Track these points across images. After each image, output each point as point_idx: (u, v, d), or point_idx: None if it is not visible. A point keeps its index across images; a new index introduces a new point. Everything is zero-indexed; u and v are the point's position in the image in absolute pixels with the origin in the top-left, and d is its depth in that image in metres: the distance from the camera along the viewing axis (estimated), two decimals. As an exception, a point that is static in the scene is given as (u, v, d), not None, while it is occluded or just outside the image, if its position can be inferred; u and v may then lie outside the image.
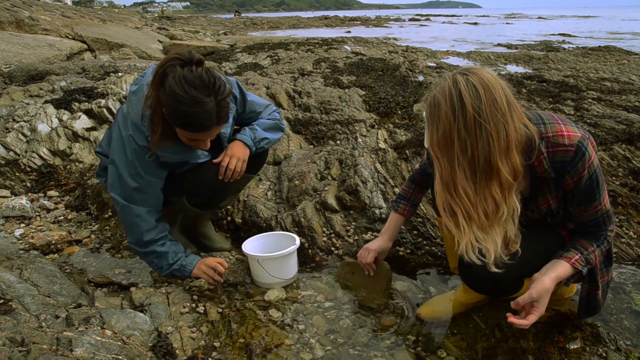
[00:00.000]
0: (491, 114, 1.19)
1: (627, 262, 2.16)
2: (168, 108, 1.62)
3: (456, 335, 1.73)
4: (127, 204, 1.84)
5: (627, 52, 8.99)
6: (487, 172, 1.22)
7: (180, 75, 1.57)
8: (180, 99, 1.56)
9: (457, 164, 1.23)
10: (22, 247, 2.38)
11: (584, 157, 1.32)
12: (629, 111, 3.79)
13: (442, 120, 1.22)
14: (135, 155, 1.77)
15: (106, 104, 3.85)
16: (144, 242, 1.89)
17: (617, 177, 2.70)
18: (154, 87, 1.63)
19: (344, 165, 2.70)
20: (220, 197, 2.11)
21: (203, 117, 1.62)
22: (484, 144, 1.20)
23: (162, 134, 1.70)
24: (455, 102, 1.20)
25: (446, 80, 1.25)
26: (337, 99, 4.44)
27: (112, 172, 1.85)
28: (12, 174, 3.18)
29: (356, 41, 11.83)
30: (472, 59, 8.63)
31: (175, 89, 1.56)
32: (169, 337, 1.57)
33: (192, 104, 1.58)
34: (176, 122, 1.66)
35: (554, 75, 5.94)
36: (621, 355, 1.58)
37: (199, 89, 1.57)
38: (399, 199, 1.94)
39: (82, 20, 11.59)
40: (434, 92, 1.26)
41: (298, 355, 1.62)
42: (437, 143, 1.25)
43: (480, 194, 1.25)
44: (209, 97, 1.60)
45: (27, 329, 1.41)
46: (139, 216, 1.85)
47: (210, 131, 1.70)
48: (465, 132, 1.20)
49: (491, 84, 1.21)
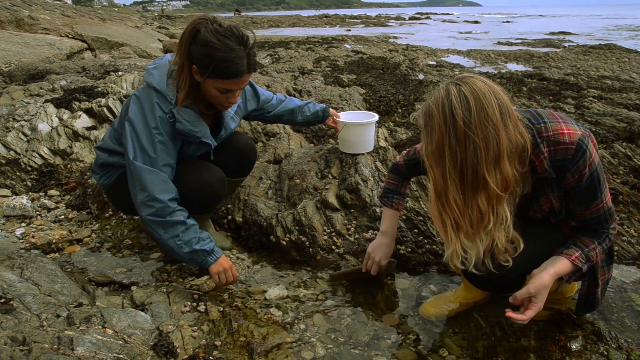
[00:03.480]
0: (481, 124, 1.18)
1: (628, 261, 2.16)
2: (203, 58, 1.73)
3: (457, 334, 1.73)
4: (152, 168, 1.81)
5: (627, 50, 8.98)
6: (474, 183, 1.22)
7: (213, 28, 1.73)
8: (216, 46, 1.70)
9: (448, 175, 1.24)
10: (23, 247, 2.38)
11: (585, 154, 1.32)
12: (629, 109, 3.79)
13: (435, 131, 1.22)
14: (160, 122, 1.82)
15: (106, 103, 3.85)
16: (170, 209, 1.82)
17: (617, 175, 2.69)
18: (184, 43, 1.74)
19: (345, 164, 2.70)
20: (214, 204, 2.13)
21: (237, 62, 1.75)
22: (471, 155, 1.20)
23: (188, 91, 1.81)
24: (447, 113, 1.20)
25: (439, 91, 1.25)
26: (337, 98, 4.44)
27: (130, 144, 1.81)
28: (13, 173, 3.18)
29: (356, 40, 11.82)
30: (472, 57, 8.62)
31: (210, 38, 1.70)
32: (170, 336, 1.57)
33: (228, 51, 1.72)
34: (211, 70, 1.75)
35: (554, 73, 5.94)
36: (622, 354, 1.58)
37: (231, 38, 1.73)
38: (390, 194, 1.92)
39: (82, 19, 11.59)
40: (428, 102, 1.27)
41: (299, 354, 1.62)
42: (431, 153, 1.26)
43: (467, 204, 1.25)
44: (239, 45, 1.75)
45: (29, 328, 1.41)
46: (165, 182, 1.83)
47: (242, 78, 1.81)
48: (455, 143, 1.20)
49: (483, 93, 1.20)
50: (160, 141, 1.83)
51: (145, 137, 1.81)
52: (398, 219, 1.97)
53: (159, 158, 1.83)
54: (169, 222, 1.83)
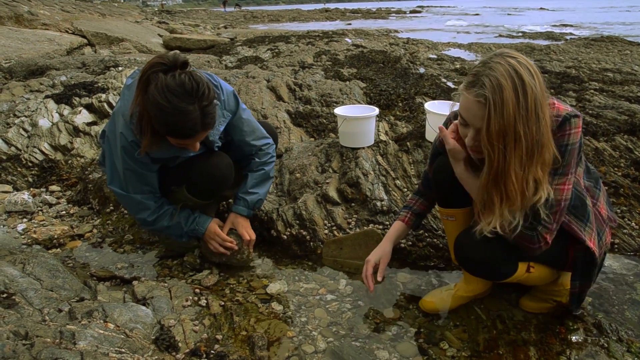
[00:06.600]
0: (542, 95, 1.22)
1: (629, 253, 2.16)
2: (153, 116, 1.60)
3: (458, 327, 1.73)
4: (125, 193, 1.90)
5: (629, 43, 8.93)
6: (538, 153, 1.24)
7: (163, 84, 1.54)
8: (164, 108, 1.54)
9: (513, 151, 1.23)
10: (25, 242, 2.38)
11: (565, 125, 1.32)
12: (631, 102, 3.77)
13: (507, 103, 1.19)
14: (125, 152, 1.78)
15: (107, 98, 3.84)
16: (151, 222, 1.97)
17: (619, 168, 2.69)
18: (139, 92, 1.60)
19: (345, 158, 2.69)
20: (220, 189, 2.12)
21: (187, 126, 1.60)
22: (539, 126, 1.22)
23: (151, 138, 1.68)
24: (517, 84, 1.19)
25: (499, 64, 1.21)
26: (337, 92, 4.43)
27: (108, 166, 1.91)
28: (14, 169, 3.18)
29: (357, 33, 11.77)
30: (473, 50, 8.59)
31: (157, 99, 1.54)
32: (171, 330, 1.57)
33: (177, 114, 1.56)
34: (161, 130, 1.64)
35: (555, 66, 5.91)
36: (623, 346, 1.59)
37: (182, 96, 1.55)
38: (401, 209, 1.92)
39: (82, 15, 11.56)
40: (490, 76, 1.21)
41: (300, 347, 1.63)
42: (497, 132, 1.22)
43: (524, 177, 1.26)
44: (192, 104, 1.57)
45: (31, 323, 1.42)
46: (140, 203, 1.93)
47: (195, 137, 1.69)
48: (526, 114, 1.20)
49: (533, 64, 1.23)
50: (128, 169, 1.83)
51: (117, 161, 1.85)
52: (402, 230, 1.86)
53: (129, 185, 1.89)
54: (156, 228, 2.02)
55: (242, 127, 2.05)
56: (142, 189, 1.92)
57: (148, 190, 1.94)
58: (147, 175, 1.89)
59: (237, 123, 2.04)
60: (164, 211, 1.99)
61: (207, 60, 6.89)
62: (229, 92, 1.96)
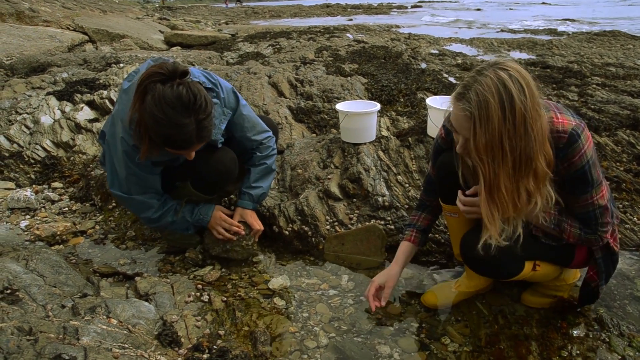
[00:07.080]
0: (532, 108, 1.19)
1: (630, 248, 2.16)
2: (150, 128, 1.59)
3: (460, 322, 1.74)
4: (127, 196, 1.92)
5: (632, 37, 8.89)
6: (525, 166, 1.24)
7: (160, 95, 1.52)
8: (159, 120, 1.53)
9: (501, 163, 1.23)
10: (28, 239, 2.39)
11: (577, 143, 1.31)
12: (633, 96, 3.75)
13: (492, 119, 1.19)
14: (127, 156, 1.79)
15: (108, 95, 3.84)
16: (155, 219, 2.01)
17: (621, 163, 2.68)
18: (136, 100, 1.58)
19: (347, 154, 2.69)
20: (225, 183, 2.14)
21: (182, 139, 1.60)
22: (528, 140, 1.21)
23: (149, 145, 1.66)
24: (504, 100, 1.18)
25: (489, 79, 1.20)
26: (339, 87, 4.42)
27: (109, 169, 1.91)
28: (16, 166, 3.19)
29: (358, 29, 11.72)
30: (475, 45, 8.55)
31: (154, 110, 1.52)
32: (174, 325, 1.58)
33: (173, 126, 1.55)
34: (157, 140, 1.63)
35: (557, 61, 5.89)
36: (624, 341, 1.59)
37: (178, 109, 1.53)
38: (406, 227, 1.88)
39: (83, 12, 11.54)
40: (478, 91, 1.20)
41: (302, 342, 1.64)
42: (483, 145, 1.22)
43: (515, 188, 1.27)
44: (188, 117, 1.55)
45: (35, 319, 1.42)
46: (143, 202, 1.95)
47: (191, 148, 1.69)
48: (513, 129, 1.19)
49: (527, 77, 1.21)
50: (131, 174, 1.84)
51: (117, 165, 1.85)
52: (410, 250, 1.81)
53: (131, 189, 1.91)
54: (161, 225, 2.06)
55: (243, 123, 2.06)
56: (145, 191, 1.94)
57: (151, 191, 1.96)
58: (149, 178, 1.91)
59: (238, 120, 2.04)
60: (167, 207, 2.00)
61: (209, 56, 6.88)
62: (228, 90, 1.96)
